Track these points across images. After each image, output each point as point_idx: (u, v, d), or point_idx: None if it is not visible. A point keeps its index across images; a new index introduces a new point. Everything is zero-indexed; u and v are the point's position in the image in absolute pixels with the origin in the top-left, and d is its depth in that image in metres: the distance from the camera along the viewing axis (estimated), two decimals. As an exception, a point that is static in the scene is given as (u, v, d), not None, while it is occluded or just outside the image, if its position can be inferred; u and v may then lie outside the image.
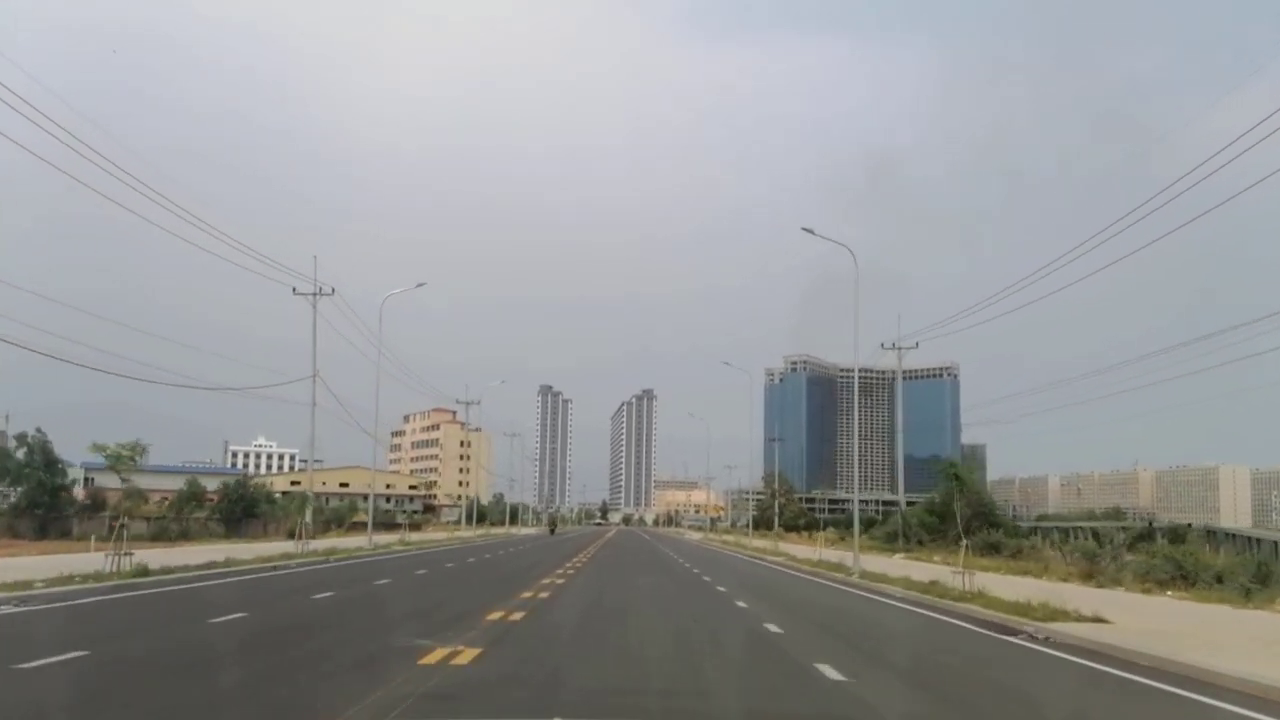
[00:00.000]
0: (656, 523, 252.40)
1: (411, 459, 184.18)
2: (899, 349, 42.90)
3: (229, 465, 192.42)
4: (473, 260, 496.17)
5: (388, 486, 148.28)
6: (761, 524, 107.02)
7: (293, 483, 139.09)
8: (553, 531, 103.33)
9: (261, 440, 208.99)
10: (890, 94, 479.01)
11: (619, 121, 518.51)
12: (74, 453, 63.62)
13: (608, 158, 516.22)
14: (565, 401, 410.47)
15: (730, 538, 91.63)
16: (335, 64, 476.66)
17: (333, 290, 34.09)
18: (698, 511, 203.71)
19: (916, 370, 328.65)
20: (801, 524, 78.47)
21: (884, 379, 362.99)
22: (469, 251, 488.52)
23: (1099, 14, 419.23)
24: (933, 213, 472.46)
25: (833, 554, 43.57)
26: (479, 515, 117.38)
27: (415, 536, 61.01)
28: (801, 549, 57.79)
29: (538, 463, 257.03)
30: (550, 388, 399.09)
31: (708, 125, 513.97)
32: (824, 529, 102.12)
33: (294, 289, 34.21)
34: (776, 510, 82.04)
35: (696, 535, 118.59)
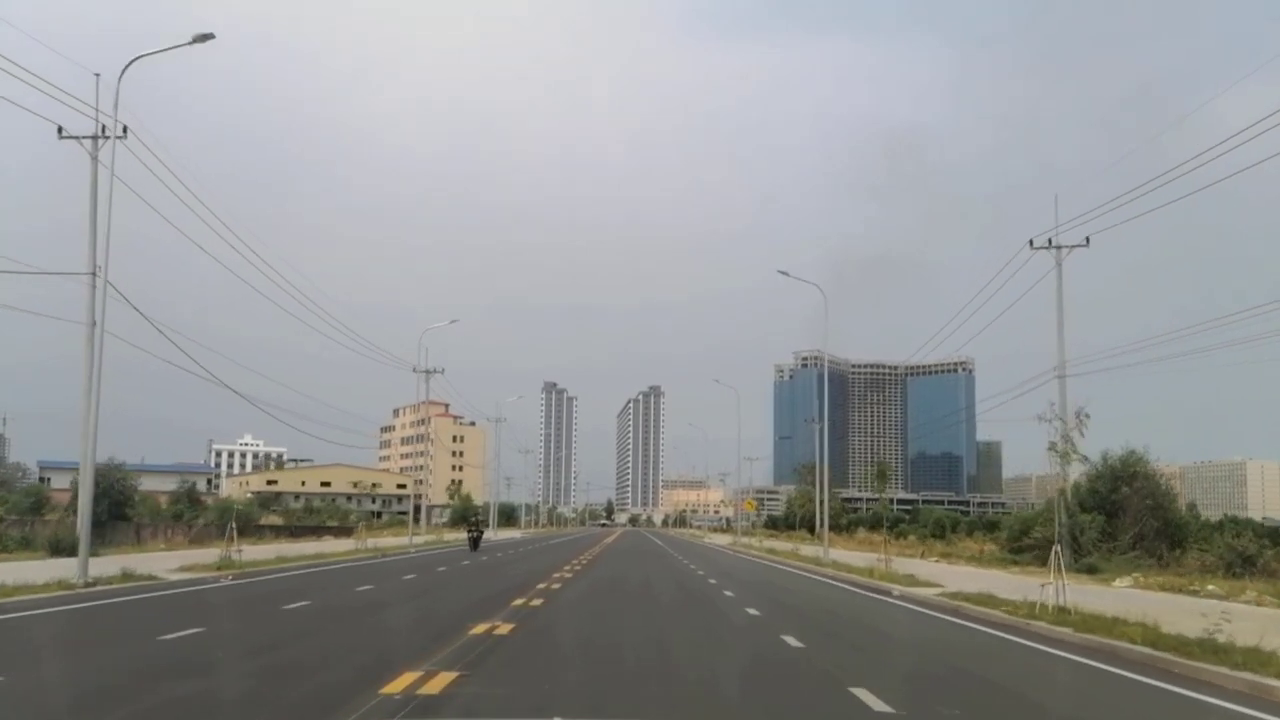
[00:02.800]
0: (666, 523, 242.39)
1: (402, 455, 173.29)
2: (1058, 249, 29.62)
3: (213, 465, 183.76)
4: (474, 260, 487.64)
5: (374, 486, 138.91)
6: (784, 524, 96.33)
7: (268, 482, 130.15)
8: (475, 545, 54.87)
9: (248, 439, 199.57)
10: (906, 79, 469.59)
11: (624, 121, 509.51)
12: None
13: (610, 157, 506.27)
14: (570, 399, 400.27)
15: (784, 544, 66.31)
16: (334, 65, 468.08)
17: (124, 131, 21.39)
18: (713, 510, 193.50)
19: (928, 366, 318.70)
20: (844, 524, 67.25)
21: (894, 374, 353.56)
22: (470, 252, 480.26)
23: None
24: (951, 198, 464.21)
25: (1048, 586, 17.92)
26: (464, 516, 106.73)
27: (262, 553, 36.90)
28: (915, 564, 36.96)
29: (542, 460, 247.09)
30: (555, 385, 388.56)
31: (710, 125, 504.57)
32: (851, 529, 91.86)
33: (60, 129, 21.61)
34: (819, 508, 67.90)
35: (722, 539, 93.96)
